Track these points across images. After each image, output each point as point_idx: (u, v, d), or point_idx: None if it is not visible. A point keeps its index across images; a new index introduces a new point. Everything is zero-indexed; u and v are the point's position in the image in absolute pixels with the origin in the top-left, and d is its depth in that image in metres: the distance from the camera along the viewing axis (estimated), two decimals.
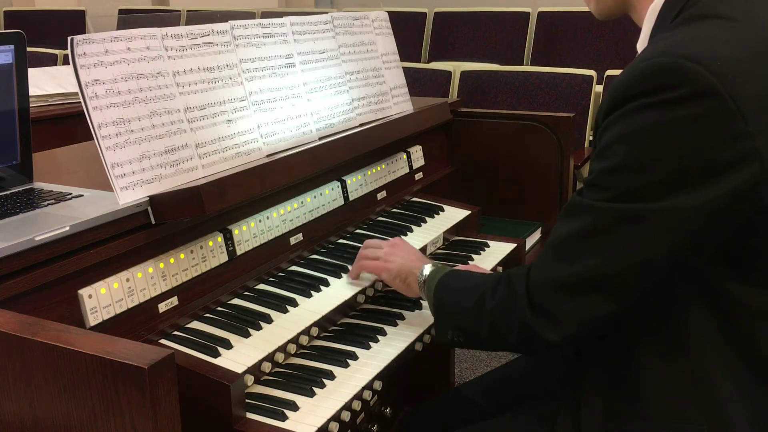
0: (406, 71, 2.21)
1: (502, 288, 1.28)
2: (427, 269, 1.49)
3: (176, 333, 1.38)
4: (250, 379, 1.31)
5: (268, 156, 1.60)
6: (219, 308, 1.48)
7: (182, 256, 1.41)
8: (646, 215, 1.10)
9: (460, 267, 1.64)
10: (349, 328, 1.57)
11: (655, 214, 1.10)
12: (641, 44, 1.25)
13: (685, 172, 1.08)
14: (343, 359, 1.43)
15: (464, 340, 1.37)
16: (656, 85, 1.08)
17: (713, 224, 1.10)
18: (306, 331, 1.46)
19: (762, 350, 1.16)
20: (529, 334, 1.22)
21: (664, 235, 1.10)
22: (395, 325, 1.58)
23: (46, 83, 2.92)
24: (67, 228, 1.21)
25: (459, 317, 1.36)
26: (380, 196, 2.00)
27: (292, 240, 1.68)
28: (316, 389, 1.33)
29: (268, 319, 1.45)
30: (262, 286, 1.58)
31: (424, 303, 1.65)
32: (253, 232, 1.57)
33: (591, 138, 4.08)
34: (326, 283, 1.61)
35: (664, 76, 1.07)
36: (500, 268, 1.88)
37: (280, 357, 1.39)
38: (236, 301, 1.51)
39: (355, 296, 1.61)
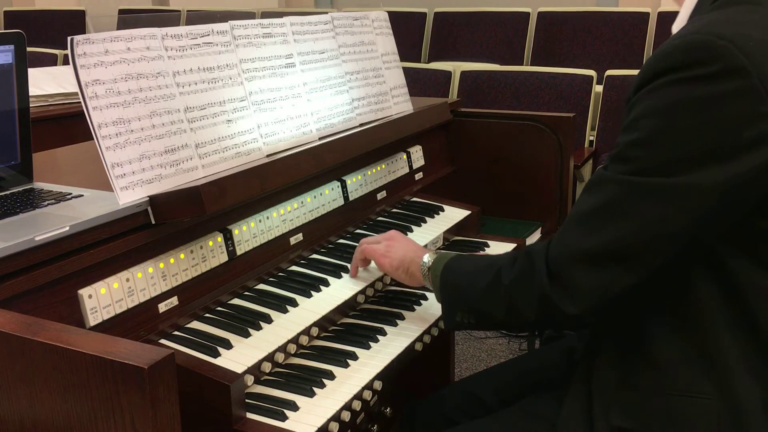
0: (406, 71, 2.21)
1: (520, 262, 1.29)
2: (431, 256, 1.50)
3: (176, 333, 1.38)
4: (250, 379, 1.31)
5: (268, 156, 1.60)
6: (219, 308, 1.48)
7: (182, 256, 1.41)
8: (668, 190, 1.12)
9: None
10: (349, 328, 1.57)
11: (678, 188, 1.12)
12: (677, 26, 1.27)
13: (709, 149, 1.10)
14: (343, 359, 1.43)
15: (475, 321, 1.37)
16: (687, 61, 1.10)
17: (733, 202, 1.12)
18: (306, 331, 1.46)
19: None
20: (548, 307, 1.23)
21: (685, 209, 1.12)
22: (395, 325, 1.58)
23: (46, 83, 2.91)
24: (67, 228, 1.21)
25: (471, 297, 1.36)
26: (380, 196, 2.00)
27: (292, 240, 1.68)
28: (316, 389, 1.33)
29: (268, 319, 1.45)
30: (262, 286, 1.58)
31: (425, 302, 1.66)
32: (253, 232, 1.57)
33: (591, 138, 4.08)
34: (326, 283, 1.61)
35: (695, 53, 1.10)
36: None
37: (280, 357, 1.39)
38: (236, 301, 1.51)
39: (355, 296, 1.61)
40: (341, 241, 1.83)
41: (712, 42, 1.09)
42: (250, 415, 1.26)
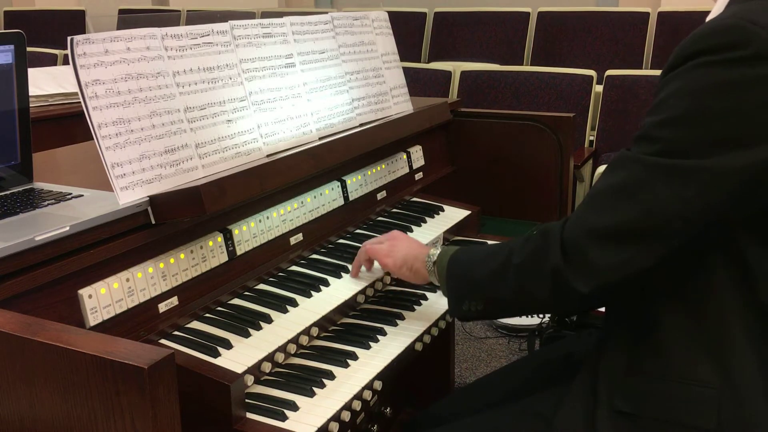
0: (406, 71, 2.21)
1: (533, 240, 1.29)
2: (436, 251, 1.50)
3: (176, 333, 1.38)
4: (250, 379, 1.31)
5: (268, 156, 1.60)
6: (219, 308, 1.48)
7: (182, 256, 1.41)
8: (690, 171, 1.12)
9: None
10: (349, 328, 1.57)
11: (700, 171, 1.11)
12: (713, 15, 1.26)
13: (736, 133, 1.10)
14: (343, 359, 1.43)
15: (483, 307, 1.37)
16: (720, 43, 1.10)
17: (756, 188, 1.11)
18: (306, 331, 1.46)
19: None
20: (559, 284, 1.23)
21: (706, 192, 1.12)
22: (395, 325, 1.58)
23: (46, 83, 2.91)
24: (67, 228, 1.21)
25: (480, 281, 1.36)
26: (380, 196, 2.00)
27: (292, 240, 1.68)
28: (316, 389, 1.33)
29: (268, 319, 1.45)
30: (262, 286, 1.58)
31: (424, 302, 1.66)
32: (253, 232, 1.57)
33: (591, 138, 4.08)
34: (326, 283, 1.61)
35: (728, 36, 1.10)
36: None
37: (280, 357, 1.39)
38: (236, 301, 1.51)
39: (355, 296, 1.61)
40: (341, 241, 1.83)
41: (745, 27, 1.08)
42: (250, 415, 1.26)
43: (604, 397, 1.27)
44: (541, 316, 1.90)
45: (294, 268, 1.67)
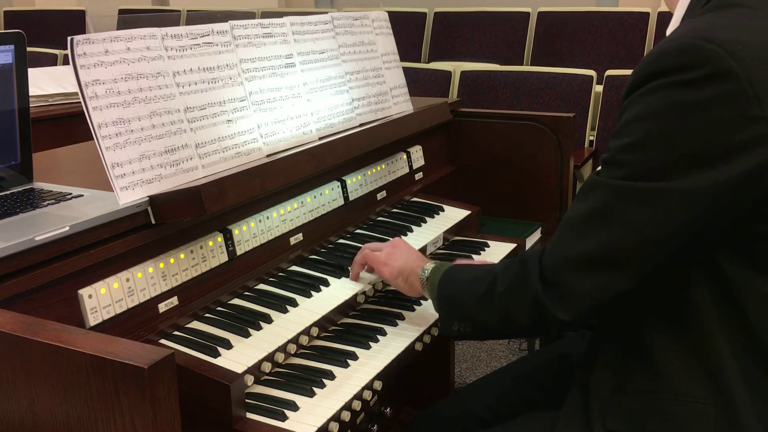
0: (406, 71, 2.21)
1: (514, 269, 1.30)
2: (430, 266, 1.50)
3: (176, 333, 1.38)
4: (250, 379, 1.31)
5: (268, 156, 1.60)
6: (219, 308, 1.48)
7: (182, 256, 1.41)
8: (658, 194, 1.12)
9: (463, 261, 1.63)
10: (349, 328, 1.57)
11: (668, 193, 1.11)
12: (671, 28, 1.27)
13: (699, 153, 1.09)
14: (343, 359, 1.43)
15: (471, 329, 1.38)
16: (676, 64, 1.10)
17: (725, 205, 1.11)
18: (306, 331, 1.46)
19: (763, 336, 1.17)
20: (540, 313, 1.24)
21: (676, 214, 1.12)
22: (395, 325, 1.58)
23: (46, 83, 2.92)
24: (67, 228, 1.21)
25: (466, 306, 1.37)
26: (380, 196, 2.00)
27: (292, 240, 1.68)
28: (316, 389, 1.33)
29: (268, 319, 1.45)
30: (262, 286, 1.58)
31: (425, 303, 1.65)
32: (253, 232, 1.57)
33: (591, 138, 4.08)
34: (326, 283, 1.61)
35: (684, 57, 1.09)
36: None
37: (280, 357, 1.39)
38: (236, 301, 1.51)
39: (355, 296, 1.61)
40: (341, 241, 1.83)
41: (700, 46, 1.08)
42: (250, 415, 1.26)
43: (597, 417, 1.27)
44: None
45: (294, 268, 1.67)
